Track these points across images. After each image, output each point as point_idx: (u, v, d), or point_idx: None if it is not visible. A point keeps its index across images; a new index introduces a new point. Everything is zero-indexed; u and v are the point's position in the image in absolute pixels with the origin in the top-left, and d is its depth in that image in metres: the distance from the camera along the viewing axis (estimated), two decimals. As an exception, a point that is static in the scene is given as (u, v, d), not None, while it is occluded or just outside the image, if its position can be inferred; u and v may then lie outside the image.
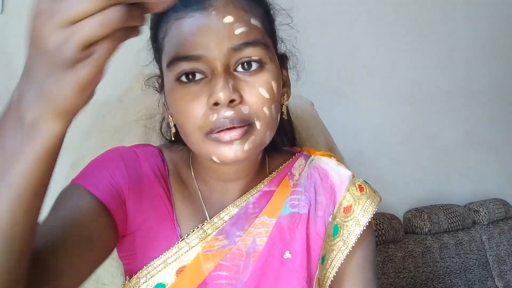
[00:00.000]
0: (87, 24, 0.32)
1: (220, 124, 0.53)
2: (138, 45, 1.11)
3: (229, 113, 0.53)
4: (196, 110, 0.54)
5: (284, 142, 0.78)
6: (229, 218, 0.63)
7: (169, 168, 0.66)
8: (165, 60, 0.57)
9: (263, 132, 0.56)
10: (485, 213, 2.05)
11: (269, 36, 0.60)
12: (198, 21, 0.53)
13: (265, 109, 0.55)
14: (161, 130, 0.79)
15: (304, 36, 0.71)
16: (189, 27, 0.53)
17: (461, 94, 2.21)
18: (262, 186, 0.66)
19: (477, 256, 1.95)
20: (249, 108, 0.54)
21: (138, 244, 0.61)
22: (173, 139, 0.65)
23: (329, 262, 0.64)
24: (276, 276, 0.60)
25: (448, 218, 1.88)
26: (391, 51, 1.91)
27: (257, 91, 0.55)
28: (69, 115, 0.39)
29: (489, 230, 2.07)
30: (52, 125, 0.37)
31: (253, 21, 0.55)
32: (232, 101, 0.53)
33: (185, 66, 0.54)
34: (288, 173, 0.69)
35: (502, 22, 2.44)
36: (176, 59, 0.54)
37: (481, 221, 2.05)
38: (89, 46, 0.34)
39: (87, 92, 0.38)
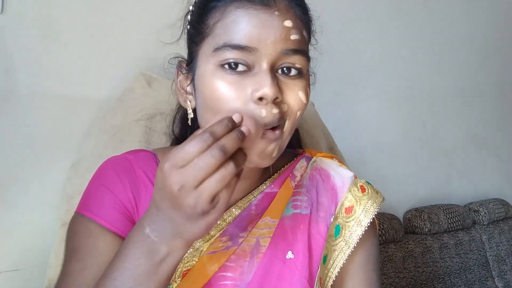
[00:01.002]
0: (210, 183, 0.43)
1: (271, 121, 0.55)
2: (138, 46, 1.12)
3: (274, 112, 0.54)
4: (235, 99, 0.54)
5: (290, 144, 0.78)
6: (232, 220, 0.63)
7: None
8: (211, 44, 0.56)
9: (287, 136, 0.59)
10: (485, 213, 2.05)
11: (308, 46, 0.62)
12: (261, 16, 0.54)
13: (298, 113, 0.58)
14: (173, 128, 0.79)
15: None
16: (250, 19, 0.54)
17: (461, 94, 2.21)
18: (265, 187, 0.67)
19: (477, 256, 1.95)
20: (287, 107, 0.57)
21: None
22: (189, 123, 0.65)
23: (330, 262, 0.65)
24: (279, 276, 0.60)
25: (448, 218, 1.88)
26: (391, 51, 1.91)
27: (297, 93, 0.57)
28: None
29: (489, 230, 2.07)
30: (182, 253, 0.48)
31: (305, 33, 0.59)
32: (276, 98, 0.54)
33: (236, 54, 0.54)
34: (290, 175, 0.70)
35: (502, 22, 2.44)
36: (229, 45, 0.54)
37: (481, 221, 2.05)
38: (214, 198, 0.44)
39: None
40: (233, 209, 0.64)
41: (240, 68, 0.55)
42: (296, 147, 0.81)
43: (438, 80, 2.11)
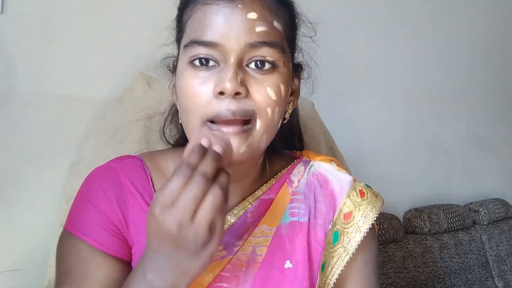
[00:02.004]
0: (205, 212, 0.44)
1: (222, 114, 0.53)
2: (138, 46, 1.12)
3: (233, 105, 0.53)
4: (201, 95, 0.54)
5: (289, 145, 0.77)
6: (227, 228, 0.62)
7: (153, 177, 0.64)
8: (183, 42, 0.57)
9: (261, 134, 0.56)
10: (485, 213, 2.05)
11: (288, 42, 0.60)
12: (224, 10, 0.54)
13: (269, 110, 0.55)
14: (164, 134, 0.78)
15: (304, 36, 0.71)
16: (213, 14, 0.54)
17: (461, 94, 2.21)
18: (261, 193, 0.65)
19: (477, 256, 1.95)
20: (253, 105, 0.54)
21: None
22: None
23: (329, 269, 0.63)
24: (278, 286, 0.59)
25: (448, 218, 1.88)
26: (391, 51, 1.91)
27: (265, 89, 0.55)
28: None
29: (489, 230, 2.07)
30: (186, 286, 0.49)
31: (276, 23, 0.56)
32: (237, 93, 0.53)
33: (201, 50, 0.55)
34: (287, 180, 0.68)
35: (502, 22, 2.44)
36: (194, 42, 0.55)
37: (481, 221, 2.05)
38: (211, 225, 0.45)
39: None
40: (228, 217, 0.62)
41: (211, 63, 0.55)
42: (298, 148, 0.79)
43: (438, 80, 2.11)
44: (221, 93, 0.53)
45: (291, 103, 0.64)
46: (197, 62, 0.55)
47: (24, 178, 0.97)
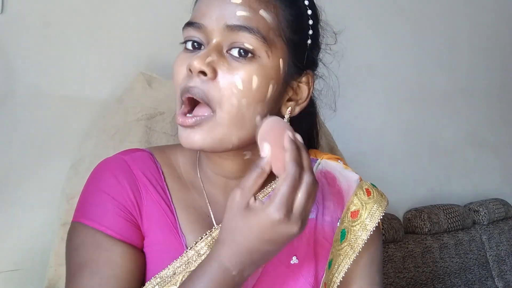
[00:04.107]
0: (309, 210, 0.48)
1: (184, 90, 0.55)
2: (138, 46, 1.12)
3: (195, 82, 0.54)
4: (179, 73, 0.57)
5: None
6: None
7: (164, 171, 0.64)
8: None
9: (225, 126, 0.55)
10: (485, 213, 2.05)
11: (284, 38, 0.58)
12: None
13: (234, 100, 0.54)
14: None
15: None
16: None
17: (461, 94, 2.21)
18: (270, 190, 0.65)
19: (477, 256, 1.95)
20: (218, 91, 0.54)
21: (148, 261, 0.59)
22: None
23: (335, 267, 0.64)
24: (283, 282, 0.59)
25: (448, 218, 1.88)
26: (392, 51, 1.91)
27: (233, 77, 0.54)
28: None
29: (489, 230, 2.07)
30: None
31: (263, 12, 0.55)
32: (203, 73, 0.53)
33: (190, 32, 0.57)
34: None
35: (502, 23, 2.44)
36: (186, 24, 0.58)
37: (481, 221, 2.05)
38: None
39: None
40: None
41: (202, 48, 0.57)
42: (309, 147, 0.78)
43: (438, 80, 2.11)
44: (190, 70, 0.54)
45: (290, 108, 0.62)
46: (189, 45, 0.58)
47: (24, 178, 0.97)
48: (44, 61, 1.00)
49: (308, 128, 0.76)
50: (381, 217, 0.66)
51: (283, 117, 0.62)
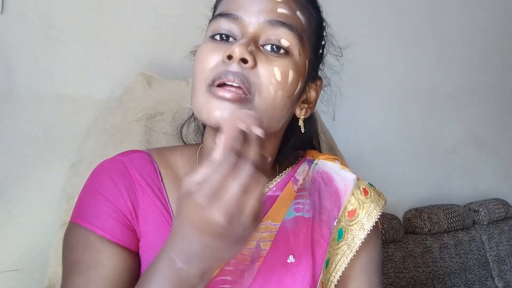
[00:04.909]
0: (252, 203, 0.41)
1: (222, 74, 0.54)
2: (138, 46, 1.12)
3: (235, 68, 0.54)
4: (210, 59, 0.56)
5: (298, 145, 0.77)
6: None
7: (161, 172, 0.64)
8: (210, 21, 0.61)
9: (261, 112, 0.55)
10: (485, 213, 2.05)
11: (310, 42, 0.61)
12: None
13: (271, 89, 0.56)
14: (181, 132, 0.78)
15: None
16: None
17: (461, 94, 2.21)
18: (267, 190, 0.65)
19: (477, 256, 1.95)
20: (257, 78, 0.55)
21: (143, 263, 0.60)
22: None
23: (333, 266, 0.64)
24: (280, 281, 0.59)
25: (448, 218, 1.88)
26: (391, 51, 1.91)
27: (272, 68, 0.56)
28: None
29: (489, 230, 2.07)
30: (212, 274, 0.48)
31: (299, 14, 0.59)
32: (244, 60, 0.54)
33: (223, 24, 0.57)
34: (292, 178, 0.69)
35: (501, 22, 2.44)
36: (218, 14, 0.58)
37: (481, 221, 2.05)
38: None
39: None
40: None
41: (231, 40, 0.57)
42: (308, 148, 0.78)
43: (438, 80, 2.11)
44: (229, 57, 0.54)
45: (303, 109, 0.65)
46: (217, 37, 0.58)
47: (24, 178, 0.97)
48: (44, 61, 1.00)
49: (309, 131, 0.77)
50: (379, 217, 0.65)
51: (297, 118, 0.65)
